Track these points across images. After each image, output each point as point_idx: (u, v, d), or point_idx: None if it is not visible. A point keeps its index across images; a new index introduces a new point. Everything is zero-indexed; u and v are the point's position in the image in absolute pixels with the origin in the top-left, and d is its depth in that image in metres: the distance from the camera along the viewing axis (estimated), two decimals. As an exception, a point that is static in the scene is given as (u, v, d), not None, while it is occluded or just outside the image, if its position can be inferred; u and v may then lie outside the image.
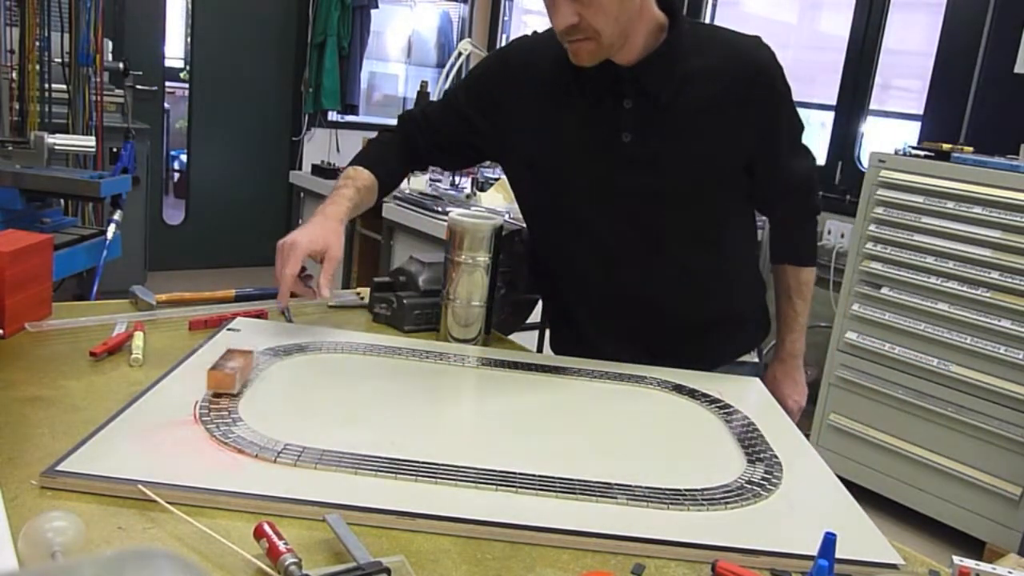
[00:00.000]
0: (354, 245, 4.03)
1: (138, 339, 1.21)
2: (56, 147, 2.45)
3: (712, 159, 1.34)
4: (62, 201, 2.73)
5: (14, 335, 1.21)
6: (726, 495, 0.95)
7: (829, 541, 0.76)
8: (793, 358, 1.55)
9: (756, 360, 1.54)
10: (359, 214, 1.48)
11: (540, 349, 1.63)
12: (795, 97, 1.43)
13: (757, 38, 1.35)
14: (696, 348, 1.44)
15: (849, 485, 1.04)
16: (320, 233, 1.36)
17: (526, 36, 1.51)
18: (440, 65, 5.57)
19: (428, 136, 1.49)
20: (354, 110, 5.18)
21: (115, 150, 3.45)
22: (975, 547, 2.77)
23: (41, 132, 2.49)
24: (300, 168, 4.96)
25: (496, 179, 3.89)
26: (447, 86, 3.55)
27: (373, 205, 1.51)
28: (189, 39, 5.03)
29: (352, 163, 1.50)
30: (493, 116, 1.43)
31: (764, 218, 1.66)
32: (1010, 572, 0.83)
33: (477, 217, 1.41)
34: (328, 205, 1.41)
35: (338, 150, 5.10)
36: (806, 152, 1.47)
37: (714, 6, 4.36)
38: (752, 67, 1.32)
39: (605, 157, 1.34)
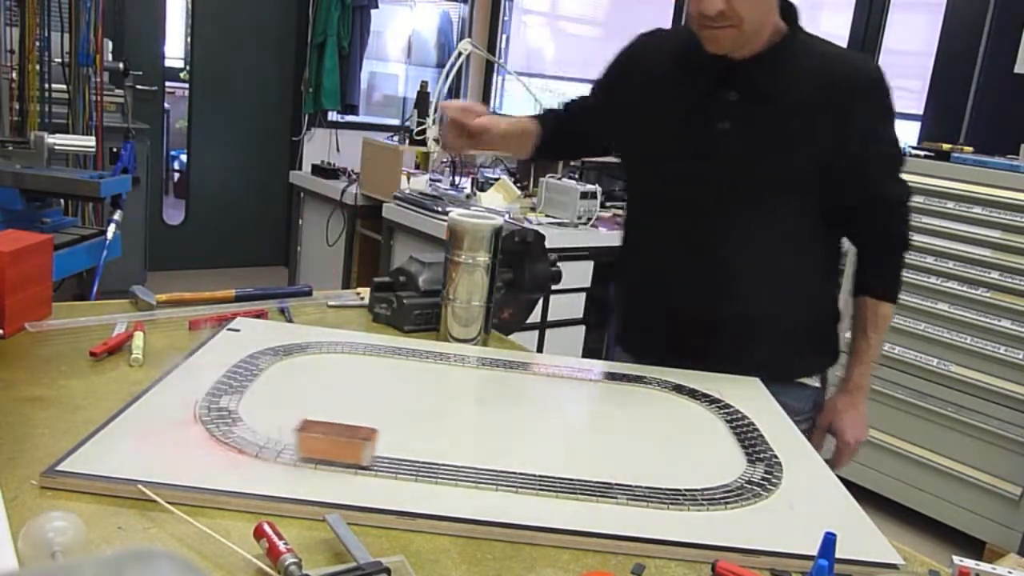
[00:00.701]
0: (354, 245, 4.03)
1: (138, 339, 1.21)
2: (56, 147, 2.45)
3: (802, 158, 1.35)
4: (62, 201, 2.72)
5: (14, 335, 1.21)
6: (726, 495, 0.95)
7: (829, 541, 0.76)
8: (859, 390, 1.51)
9: (817, 385, 1.50)
10: (511, 135, 1.59)
11: (540, 349, 1.63)
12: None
13: (869, 56, 1.38)
14: (752, 356, 1.41)
15: (849, 485, 1.04)
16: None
17: (654, 29, 1.58)
18: (440, 65, 5.56)
19: (561, 120, 1.61)
20: (354, 110, 5.17)
21: (115, 150, 3.45)
22: (975, 547, 2.77)
23: (41, 132, 2.49)
24: (300, 168, 4.95)
25: (496, 179, 3.89)
26: (446, 86, 3.55)
27: (524, 147, 1.63)
28: (189, 39, 5.02)
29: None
30: (610, 97, 1.53)
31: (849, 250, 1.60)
32: (1010, 572, 0.83)
33: (477, 217, 1.41)
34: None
35: (338, 150, 5.10)
36: (902, 182, 1.44)
37: (714, 6, 4.36)
38: (859, 78, 1.35)
39: (699, 144, 1.38)
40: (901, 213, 1.46)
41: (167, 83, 5.05)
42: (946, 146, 2.95)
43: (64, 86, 3.37)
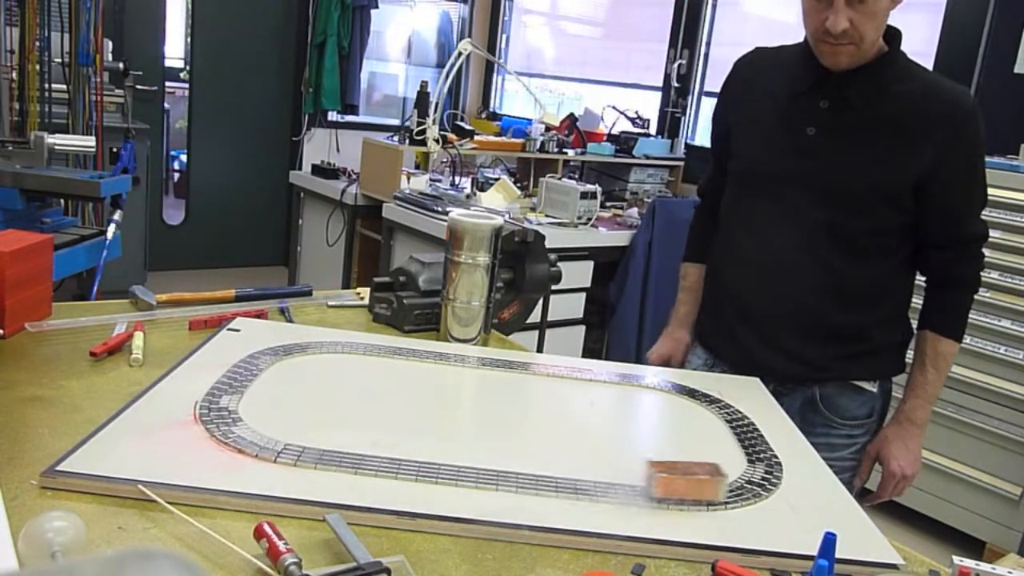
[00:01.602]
0: (354, 245, 4.03)
1: (138, 339, 1.21)
2: (56, 147, 2.45)
3: (883, 174, 1.37)
4: (62, 201, 2.72)
5: (14, 335, 1.21)
6: (726, 495, 0.95)
7: (829, 541, 0.76)
8: (911, 424, 1.49)
9: (873, 390, 1.50)
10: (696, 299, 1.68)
11: (540, 349, 1.63)
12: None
13: (967, 90, 1.39)
14: (809, 349, 1.45)
15: (849, 485, 1.04)
16: (666, 344, 1.70)
17: (752, 50, 1.59)
18: (440, 65, 5.56)
19: (719, 187, 1.62)
20: (354, 110, 5.17)
21: (115, 150, 3.45)
22: (975, 547, 2.77)
23: (41, 132, 2.49)
24: (300, 168, 4.95)
25: (496, 179, 3.89)
26: (446, 86, 3.55)
27: None
28: (189, 39, 5.02)
29: (683, 259, 1.74)
30: (725, 116, 1.59)
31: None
32: (1010, 572, 0.83)
33: (477, 217, 1.41)
34: (673, 312, 1.73)
35: (338, 150, 5.10)
36: (981, 221, 1.45)
37: (714, 6, 4.36)
38: (954, 104, 1.36)
39: (786, 147, 1.42)
40: (975, 252, 1.46)
41: (167, 83, 5.05)
42: (946, 146, 2.95)
43: (64, 86, 3.36)
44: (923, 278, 1.50)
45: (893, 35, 1.42)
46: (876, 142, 1.37)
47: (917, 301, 1.51)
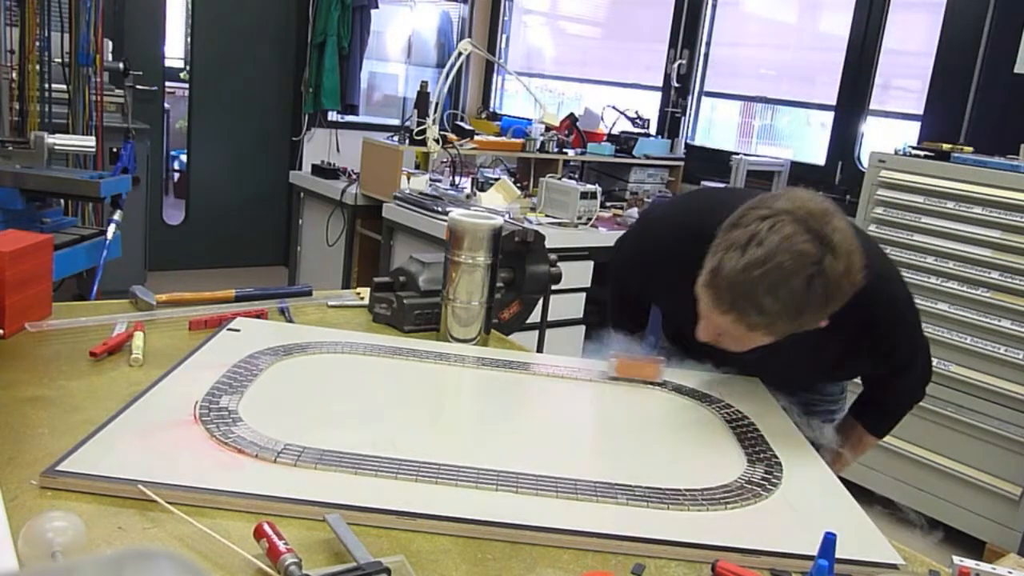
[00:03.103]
0: (354, 245, 4.03)
1: (138, 339, 1.21)
2: (56, 147, 2.45)
3: (823, 364, 1.36)
4: (62, 201, 2.72)
5: (14, 335, 1.21)
6: (726, 495, 0.95)
7: (829, 541, 0.76)
8: None
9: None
10: None
11: (540, 349, 1.63)
12: (795, 97, 1.41)
13: (881, 283, 1.27)
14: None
15: (849, 485, 1.04)
16: None
17: (652, 226, 1.53)
18: (440, 65, 5.56)
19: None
20: (354, 110, 5.17)
21: (115, 150, 3.45)
22: (975, 547, 2.77)
23: (41, 132, 2.49)
24: (300, 168, 4.95)
25: (496, 179, 3.89)
26: (446, 86, 3.55)
27: None
28: (189, 39, 5.02)
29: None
30: (643, 290, 1.55)
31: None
32: (1010, 572, 0.83)
33: (477, 217, 1.41)
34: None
35: (338, 150, 5.10)
36: (927, 366, 1.44)
37: (714, 6, 4.36)
38: (875, 316, 1.27)
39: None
40: (921, 389, 1.48)
41: (167, 83, 5.04)
42: (946, 146, 2.95)
43: (64, 86, 3.37)
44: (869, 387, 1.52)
45: None
46: (800, 358, 1.29)
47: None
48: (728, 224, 1.12)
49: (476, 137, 4.08)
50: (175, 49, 5.24)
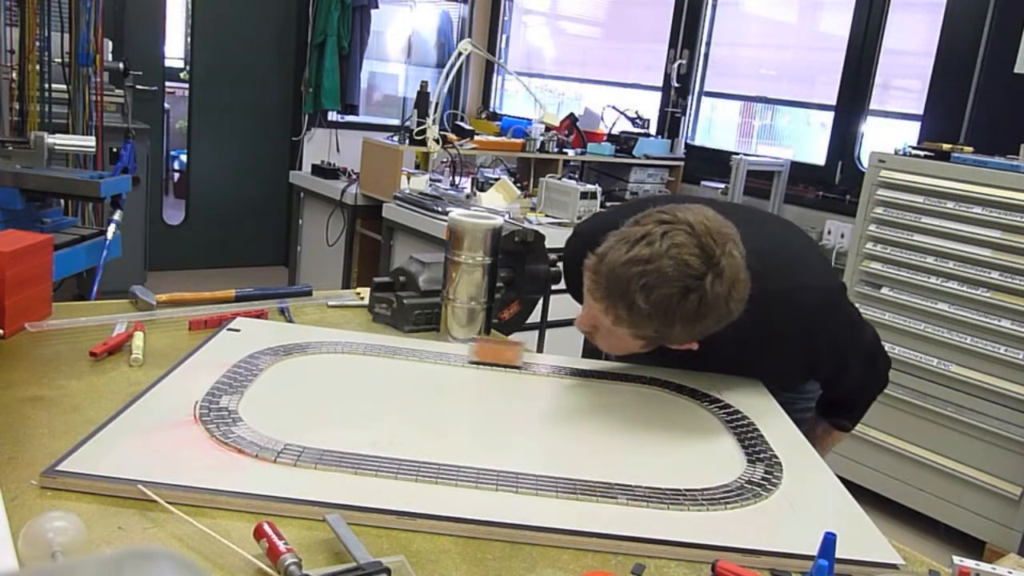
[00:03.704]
0: (354, 245, 4.03)
1: (138, 339, 1.21)
2: (56, 147, 2.45)
3: (771, 372, 1.36)
4: (62, 201, 2.72)
5: (14, 335, 1.21)
6: (726, 495, 0.95)
7: (829, 541, 0.76)
8: None
9: None
10: None
11: (540, 349, 1.63)
12: (795, 97, 1.41)
13: (811, 278, 1.29)
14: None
15: (849, 485, 1.04)
16: None
17: (571, 239, 1.50)
18: (440, 65, 5.56)
19: None
20: (354, 110, 5.17)
21: (115, 150, 3.45)
22: (975, 547, 2.77)
23: (41, 132, 2.49)
24: (300, 168, 4.95)
25: (496, 179, 3.89)
26: (446, 86, 3.55)
27: None
28: (189, 39, 5.02)
29: None
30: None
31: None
32: (1010, 572, 0.83)
33: (477, 217, 1.41)
34: None
35: (338, 150, 5.10)
36: (882, 362, 1.45)
37: (714, 6, 4.36)
38: (806, 317, 1.27)
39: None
40: (878, 382, 1.48)
41: (167, 83, 5.04)
42: (946, 146, 2.95)
43: (64, 86, 3.37)
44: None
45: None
46: (756, 353, 1.30)
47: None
48: (631, 219, 1.13)
49: (476, 137, 4.08)
50: (175, 49, 5.24)
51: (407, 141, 3.67)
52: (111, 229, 2.42)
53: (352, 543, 0.75)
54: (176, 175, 5.90)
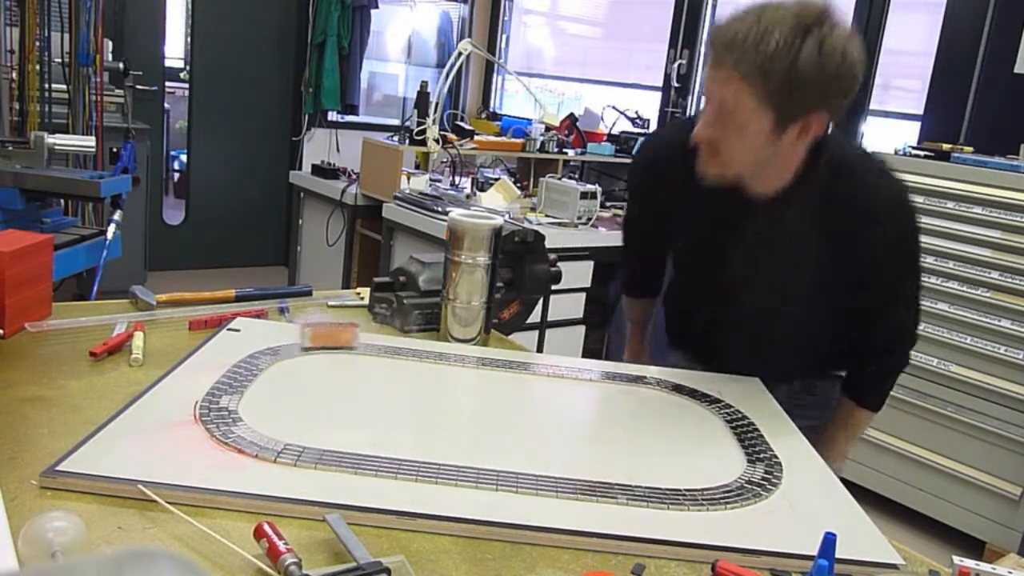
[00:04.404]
0: (354, 245, 4.03)
1: (138, 339, 1.21)
2: (56, 147, 2.45)
3: (821, 273, 1.32)
4: (62, 201, 2.72)
5: (14, 335, 1.21)
6: (726, 495, 0.95)
7: (829, 541, 0.76)
8: None
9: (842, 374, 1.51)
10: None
11: (540, 349, 1.63)
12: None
13: (893, 179, 1.31)
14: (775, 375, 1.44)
15: (849, 485, 1.04)
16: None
17: (650, 141, 1.56)
18: (440, 65, 5.56)
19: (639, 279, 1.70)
20: (354, 110, 5.17)
21: (115, 150, 3.45)
22: (975, 547, 2.77)
23: (41, 132, 2.49)
24: (300, 168, 4.95)
25: (496, 179, 3.89)
26: (446, 86, 3.55)
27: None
28: (189, 39, 5.02)
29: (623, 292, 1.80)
30: (648, 208, 1.55)
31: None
32: (1010, 572, 0.83)
33: (477, 217, 1.41)
34: (627, 344, 1.82)
35: (338, 150, 5.10)
36: (914, 309, 1.41)
37: (714, 6, 4.36)
38: (879, 203, 1.27)
39: (721, 248, 1.36)
40: (907, 338, 1.43)
41: (167, 83, 5.04)
42: (946, 146, 2.95)
43: (64, 86, 3.37)
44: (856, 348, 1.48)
45: (819, 146, 1.26)
46: (805, 248, 1.31)
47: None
48: None
49: (476, 137, 4.08)
50: (175, 49, 5.24)
51: (407, 141, 3.67)
52: (111, 229, 2.42)
53: (352, 543, 0.75)
54: (176, 175, 5.90)
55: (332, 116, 5.16)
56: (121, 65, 3.74)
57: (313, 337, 1.25)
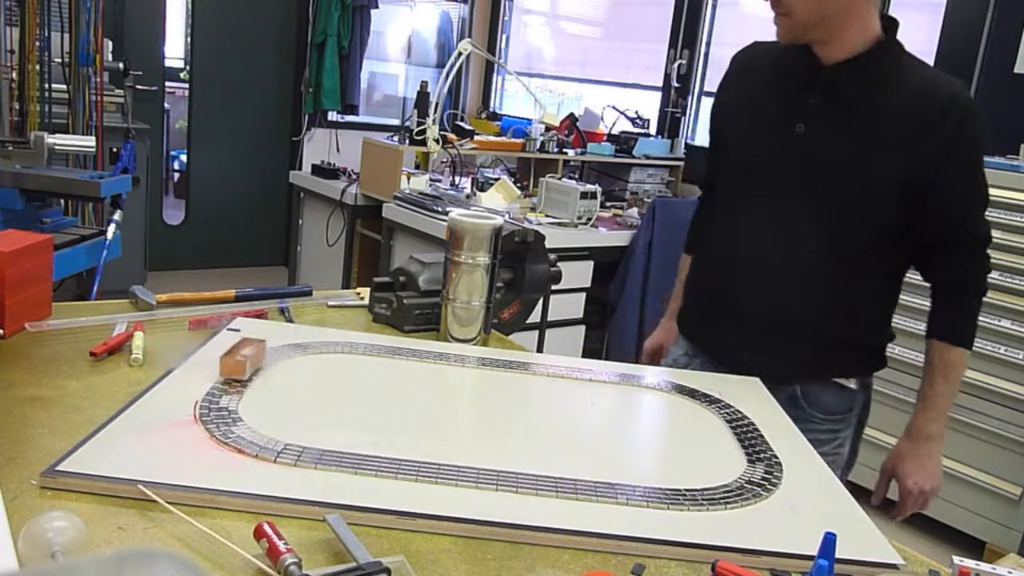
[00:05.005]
0: (354, 245, 4.03)
1: (138, 339, 1.21)
2: (56, 147, 2.45)
3: (876, 171, 1.32)
4: (62, 201, 2.72)
5: (14, 335, 1.21)
6: (726, 495, 0.95)
7: (829, 541, 0.76)
8: (925, 439, 1.47)
9: (853, 387, 1.48)
10: None
11: (540, 349, 1.63)
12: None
13: (966, 85, 1.35)
14: (788, 348, 1.42)
15: (849, 485, 1.04)
16: (659, 334, 1.79)
17: (750, 44, 1.56)
18: (440, 65, 5.56)
19: (713, 181, 1.62)
20: (354, 110, 5.18)
21: (115, 150, 3.46)
22: (975, 547, 2.77)
23: (41, 132, 2.49)
24: (300, 168, 4.96)
25: (496, 179, 3.89)
26: (446, 86, 3.55)
27: None
28: (189, 39, 5.02)
29: (684, 250, 1.76)
30: (721, 110, 1.56)
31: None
32: (1010, 572, 0.83)
33: (477, 217, 1.41)
34: (671, 302, 1.79)
35: (338, 150, 5.10)
36: (983, 222, 1.38)
37: (714, 6, 4.36)
38: (955, 105, 1.30)
39: (775, 144, 1.39)
40: (979, 255, 1.40)
41: (167, 83, 5.05)
42: (946, 146, 2.95)
43: (64, 86, 3.37)
44: (928, 284, 1.45)
45: (889, 25, 1.38)
46: (865, 140, 1.32)
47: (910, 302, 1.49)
48: None
49: (476, 137, 4.08)
50: (175, 49, 5.24)
51: (407, 141, 3.67)
52: (111, 229, 2.42)
53: (352, 543, 0.75)
54: (176, 175, 5.90)
55: (332, 116, 5.16)
56: (121, 65, 3.74)
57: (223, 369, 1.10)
